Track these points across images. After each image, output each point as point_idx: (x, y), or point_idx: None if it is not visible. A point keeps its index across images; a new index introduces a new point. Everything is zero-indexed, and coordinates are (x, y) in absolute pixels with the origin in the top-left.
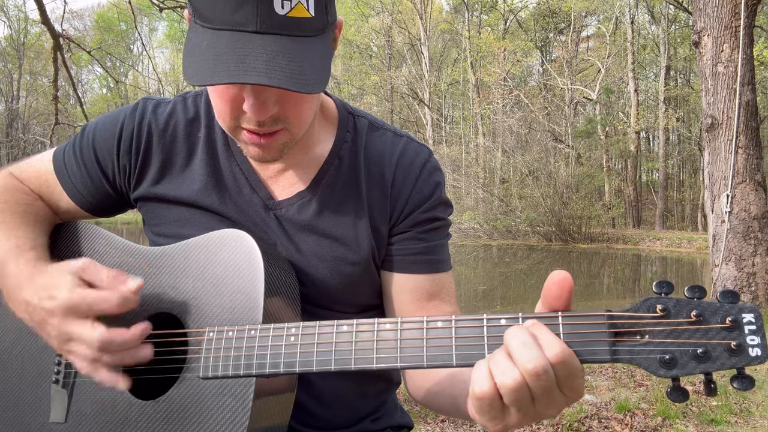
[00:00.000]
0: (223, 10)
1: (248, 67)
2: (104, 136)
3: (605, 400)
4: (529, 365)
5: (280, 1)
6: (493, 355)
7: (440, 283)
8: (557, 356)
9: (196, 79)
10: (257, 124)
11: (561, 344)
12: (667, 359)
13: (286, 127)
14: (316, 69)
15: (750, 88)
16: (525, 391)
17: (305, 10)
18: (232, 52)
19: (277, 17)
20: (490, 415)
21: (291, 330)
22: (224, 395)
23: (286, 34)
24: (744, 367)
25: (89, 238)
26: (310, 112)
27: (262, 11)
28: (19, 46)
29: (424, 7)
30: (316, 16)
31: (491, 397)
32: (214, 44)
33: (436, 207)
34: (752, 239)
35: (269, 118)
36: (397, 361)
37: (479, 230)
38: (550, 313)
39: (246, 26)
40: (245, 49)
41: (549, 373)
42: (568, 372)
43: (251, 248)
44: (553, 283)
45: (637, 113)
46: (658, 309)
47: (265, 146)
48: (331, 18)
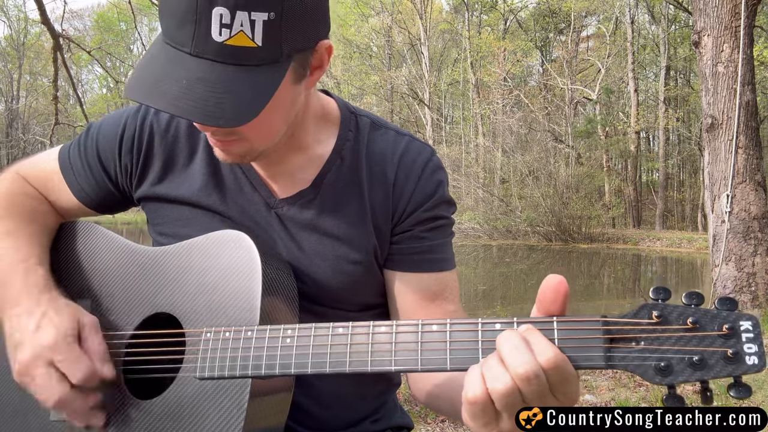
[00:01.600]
0: (169, 26)
1: (162, 90)
2: (107, 136)
3: (605, 400)
4: (520, 369)
5: (218, 29)
6: (487, 360)
7: (444, 282)
8: (550, 361)
9: (125, 90)
10: (210, 134)
11: (554, 349)
12: (663, 366)
13: (241, 139)
14: (242, 101)
15: (750, 88)
16: (517, 396)
17: (248, 40)
18: (161, 71)
19: (214, 43)
20: (483, 420)
21: (287, 331)
22: (220, 396)
23: (220, 62)
24: (741, 376)
25: (90, 237)
26: (270, 127)
27: (198, 35)
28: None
29: (424, 7)
30: (264, 46)
31: (483, 402)
32: (155, 56)
33: (439, 205)
34: (752, 239)
35: (218, 130)
36: (391, 364)
37: (479, 230)
38: (545, 318)
39: (183, 47)
40: (171, 71)
41: (541, 378)
42: (562, 377)
43: (250, 250)
44: (548, 288)
45: (637, 113)
46: (654, 315)
47: (224, 150)
48: (290, 47)
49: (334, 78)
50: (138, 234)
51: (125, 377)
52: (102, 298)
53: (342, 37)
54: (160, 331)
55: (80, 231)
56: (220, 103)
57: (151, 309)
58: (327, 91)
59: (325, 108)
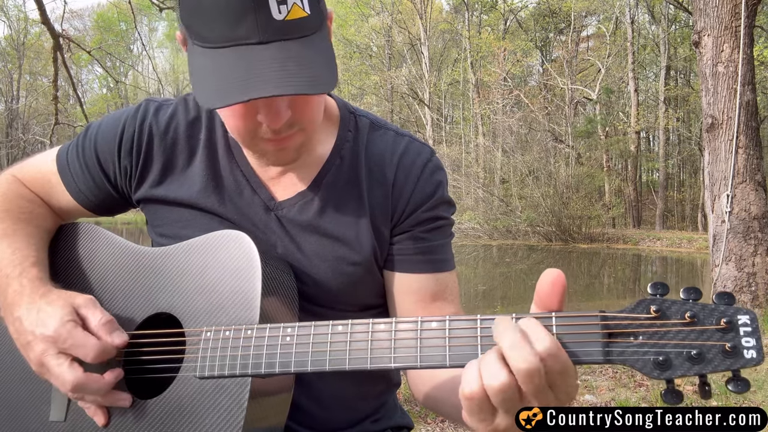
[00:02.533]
0: (222, 28)
1: (260, 80)
2: (106, 138)
3: (605, 400)
4: (521, 365)
5: (277, 6)
6: (485, 356)
7: (443, 283)
8: (547, 350)
9: (211, 103)
10: (274, 132)
11: (552, 339)
12: (661, 360)
13: (300, 129)
14: (325, 66)
15: (750, 88)
16: (513, 392)
17: (301, 10)
18: (240, 69)
19: (277, 23)
20: (479, 416)
21: (287, 330)
22: (220, 395)
23: (288, 39)
24: (739, 370)
25: (90, 238)
26: (319, 109)
27: (261, 21)
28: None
29: (424, 7)
30: (312, 14)
31: (479, 398)
32: (220, 64)
33: (438, 206)
34: (752, 239)
35: (284, 125)
36: (391, 361)
37: (479, 230)
38: (543, 314)
39: (248, 39)
40: (253, 63)
41: (540, 370)
42: (561, 368)
43: (249, 249)
44: (546, 282)
45: (637, 113)
46: (652, 310)
47: (284, 149)
48: (324, 12)
49: None
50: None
51: (125, 377)
52: (102, 299)
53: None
54: (160, 330)
55: (80, 232)
56: (313, 73)
57: (151, 309)
58: None
59: (325, 107)
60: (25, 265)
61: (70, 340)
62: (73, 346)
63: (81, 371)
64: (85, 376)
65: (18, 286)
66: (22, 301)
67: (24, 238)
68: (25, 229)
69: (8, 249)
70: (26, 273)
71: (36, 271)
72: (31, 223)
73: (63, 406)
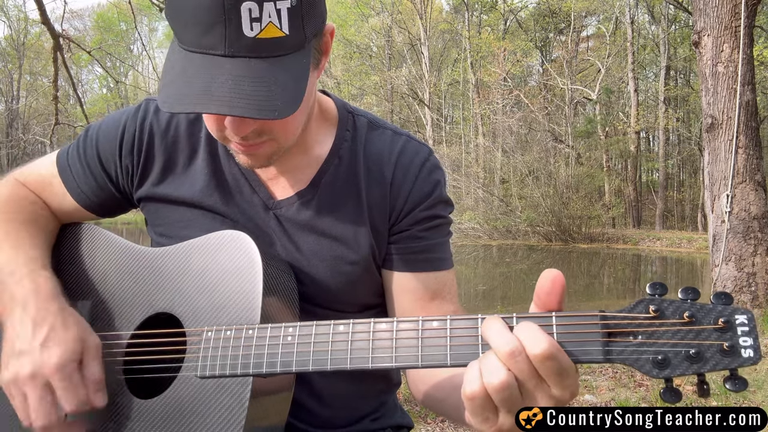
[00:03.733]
0: (193, 33)
1: (213, 95)
2: (107, 137)
3: (605, 400)
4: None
5: (249, 24)
6: (485, 355)
7: (442, 282)
8: (545, 352)
9: (166, 106)
10: (240, 138)
11: (548, 339)
12: (660, 360)
13: (271, 138)
14: (286, 90)
15: (750, 88)
16: (514, 390)
17: (278, 30)
18: (200, 78)
19: (247, 40)
20: (482, 416)
21: (288, 330)
22: (222, 394)
23: (255, 57)
24: (737, 368)
25: (91, 238)
26: (296, 123)
27: (230, 34)
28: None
29: (424, 7)
30: (291, 34)
31: (481, 398)
32: (186, 68)
33: (436, 205)
34: (752, 239)
35: (251, 132)
36: (392, 360)
37: (479, 230)
38: (544, 314)
39: (215, 50)
40: (212, 75)
41: (535, 371)
42: (560, 368)
43: (250, 249)
44: (545, 281)
45: (637, 113)
46: (651, 310)
47: (252, 155)
48: (310, 31)
49: (334, 78)
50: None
51: (126, 377)
52: (103, 299)
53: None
54: (161, 330)
55: (81, 232)
56: (270, 96)
57: (152, 309)
58: (325, 90)
59: (323, 107)
60: (34, 266)
61: (68, 381)
62: (64, 389)
63: (55, 417)
64: (58, 424)
65: (30, 285)
66: (36, 303)
67: (30, 239)
68: (30, 231)
69: (14, 249)
70: (37, 274)
71: (48, 275)
72: (35, 225)
73: None
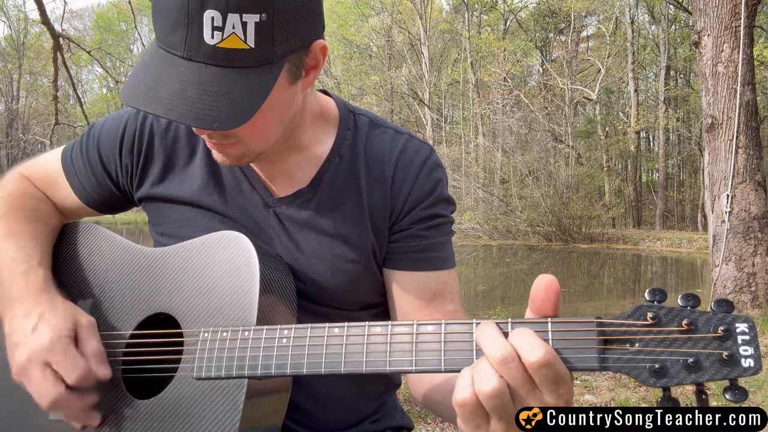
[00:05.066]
0: (161, 29)
1: (156, 94)
2: (108, 137)
3: (605, 400)
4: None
5: (211, 31)
6: (477, 362)
7: (443, 281)
8: (540, 360)
9: (121, 94)
10: (207, 137)
11: (545, 347)
12: (657, 368)
13: (238, 141)
14: (236, 104)
15: (750, 88)
16: (506, 398)
17: (241, 42)
18: (154, 75)
19: (206, 46)
20: (473, 423)
21: (283, 332)
22: (217, 396)
23: (212, 65)
24: (737, 378)
25: (90, 237)
26: (266, 129)
27: (191, 38)
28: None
29: (424, 7)
30: (257, 48)
31: (472, 405)
32: (149, 61)
33: (437, 204)
34: (752, 239)
35: (213, 133)
36: (386, 365)
37: (479, 230)
38: (539, 319)
39: (175, 50)
40: (164, 75)
41: (529, 380)
42: (555, 376)
43: (248, 250)
44: (539, 288)
45: (637, 113)
46: (649, 317)
47: (222, 153)
48: (283, 48)
49: (334, 78)
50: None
51: (123, 377)
52: (102, 299)
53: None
54: (158, 331)
55: (81, 231)
56: (214, 106)
57: (150, 309)
58: (326, 90)
59: (323, 107)
60: (31, 264)
61: (62, 355)
62: (62, 363)
63: (63, 389)
64: (65, 396)
65: (24, 283)
66: (26, 299)
67: (30, 237)
68: (31, 228)
69: (13, 246)
70: (33, 272)
71: (42, 272)
72: (37, 222)
73: None
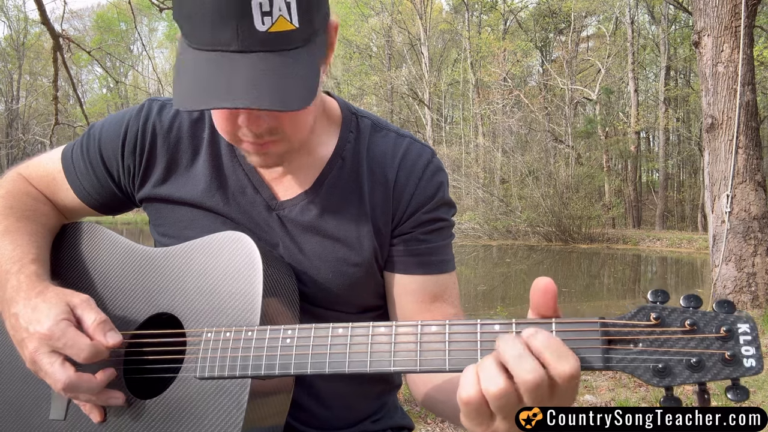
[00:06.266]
0: (203, 31)
1: (232, 90)
2: (110, 137)
3: (605, 400)
4: (528, 377)
5: (261, 18)
6: (483, 360)
7: (443, 284)
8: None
9: (183, 105)
10: (254, 136)
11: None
12: (660, 368)
13: (283, 137)
14: (302, 83)
15: (750, 88)
16: (512, 398)
17: (288, 23)
18: (216, 75)
19: (259, 34)
20: (477, 420)
21: (287, 332)
22: (220, 396)
23: (269, 50)
24: (739, 378)
25: (92, 237)
26: (306, 121)
27: (242, 30)
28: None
29: (424, 7)
30: (301, 27)
31: (477, 403)
32: (199, 66)
33: (439, 207)
34: (752, 239)
35: (265, 129)
36: (390, 365)
37: (479, 230)
38: (543, 320)
39: (228, 46)
40: (229, 71)
41: (545, 384)
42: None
43: (251, 251)
44: (537, 291)
45: (637, 113)
46: (652, 317)
47: (265, 154)
48: (318, 25)
49: (334, 78)
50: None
51: (126, 377)
52: (104, 299)
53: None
54: (161, 331)
55: (83, 231)
56: (287, 89)
57: (153, 309)
58: (328, 91)
59: (327, 108)
60: (24, 262)
61: (63, 339)
62: (66, 346)
63: (72, 371)
64: (77, 376)
65: (16, 282)
66: (19, 297)
67: (26, 235)
68: (28, 227)
69: (9, 245)
70: (25, 269)
71: (35, 268)
72: (34, 221)
73: (63, 405)
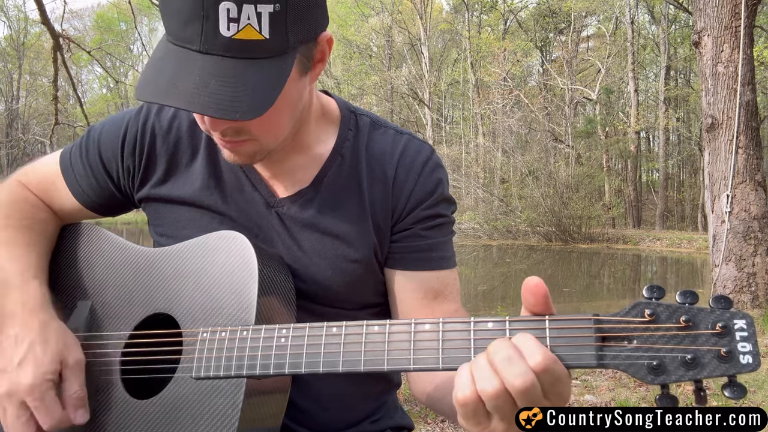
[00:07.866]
0: (174, 25)
1: (178, 88)
2: (109, 138)
3: (605, 400)
4: (516, 381)
5: (226, 23)
6: (476, 360)
7: (444, 281)
8: (539, 365)
9: (137, 93)
10: (219, 134)
11: (543, 351)
12: (655, 365)
13: (251, 138)
14: (258, 93)
15: (750, 88)
16: (507, 398)
17: (256, 32)
18: (172, 70)
19: (222, 38)
20: (474, 420)
21: (282, 331)
22: (216, 396)
23: (231, 56)
24: (735, 375)
25: (90, 238)
26: (279, 123)
27: (206, 31)
28: (19, 46)
29: (424, 7)
30: (271, 39)
31: (474, 403)
32: (163, 57)
33: (439, 203)
34: (752, 239)
35: (228, 129)
36: (384, 363)
37: (479, 230)
38: (536, 317)
39: (191, 44)
40: (184, 68)
41: (534, 384)
42: (553, 379)
43: (246, 250)
44: (527, 291)
45: (637, 113)
46: (647, 314)
47: (234, 151)
48: (296, 38)
49: (334, 78)
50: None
51: (122, 377)
52: (102, 299)
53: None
54: (157, 331)
55: (81, 232)
56: (236, 97)
57: (149, 309)
58: (327, 91)
59: (325, 107)
60: (26, 277)
61: (40, 401)
62: (38, 408)
63: (34, 430)
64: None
65: (18, 297)
66: (19, 320)
67: (25, 245)
68: (26, 236)
69: (8, 256)
70: (28, 286)
71: (38, 286)
72: (33, 230)
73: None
